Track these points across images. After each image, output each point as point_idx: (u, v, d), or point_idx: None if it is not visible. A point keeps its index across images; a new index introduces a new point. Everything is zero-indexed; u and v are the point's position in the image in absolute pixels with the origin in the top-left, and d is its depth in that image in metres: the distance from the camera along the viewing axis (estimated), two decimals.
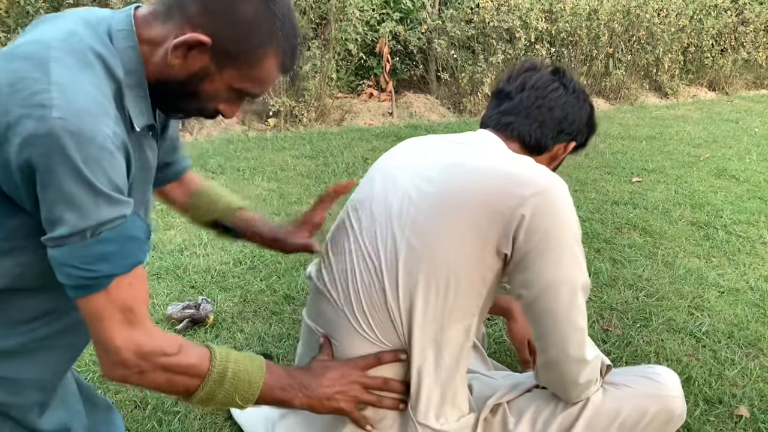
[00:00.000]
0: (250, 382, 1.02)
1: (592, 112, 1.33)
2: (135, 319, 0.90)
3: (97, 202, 0.83)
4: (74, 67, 0.84)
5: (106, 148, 0.83)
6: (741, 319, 2.23)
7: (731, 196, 3.68)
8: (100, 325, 0.88)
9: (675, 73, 7.79)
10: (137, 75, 0.93)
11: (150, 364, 0.91)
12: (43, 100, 0.79)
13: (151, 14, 0.95)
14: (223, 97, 0.99)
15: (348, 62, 5.83)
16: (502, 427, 1.24)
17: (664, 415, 1.25)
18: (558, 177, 1.13)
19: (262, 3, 0.93)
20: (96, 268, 0.84)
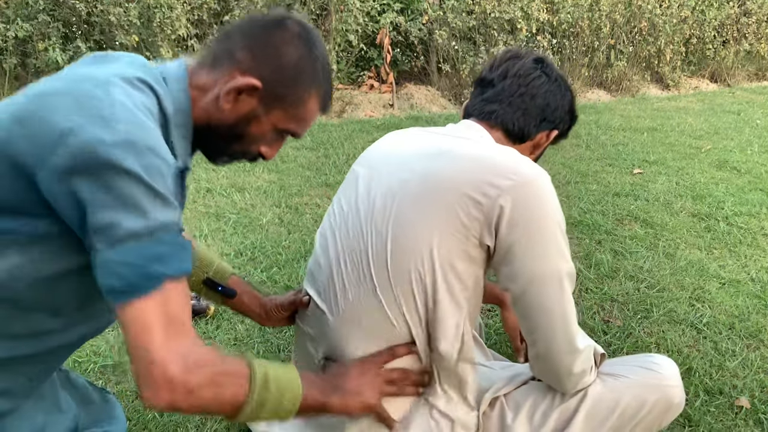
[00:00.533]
0: (291, 382, 0.99)
1: (573, 101, 1.33)
2: (180, 330, 0.86)
3: (155, 204, 0.84)
4: (133, 94, 0.88)
5: (165, 159, 0.86)
6: (742, 310, 2.23)
7: (732, 188, 3.67)
8: (146, 337, 0.83)
9: (677, 65, 7.76)
10: (184, 116, 0.99)
11: (197, 377, 0.85)
12: (106, 114, 0.82)
13: (199, 64, 1.01)
14: (268, 138, 1.05)
15: (348, 53, 5.82)
16: (500, 422, 1.24)
17: (662, 404, 1.25)
18: (540, 168, 1.12)
19: (305, 47, 1.00)
20: (150, 266, 0.83)
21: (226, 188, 3.37)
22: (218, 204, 3.15)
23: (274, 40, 0.99)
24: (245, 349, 1.90)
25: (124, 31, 4.54)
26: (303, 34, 1.01)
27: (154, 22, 4.61)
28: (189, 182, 3.43)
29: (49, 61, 4.39)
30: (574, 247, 2.66)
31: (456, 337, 1.14)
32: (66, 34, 4.61)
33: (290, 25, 1.01)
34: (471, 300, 1.13)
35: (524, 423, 1.23)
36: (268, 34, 1.00)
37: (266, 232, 2.84)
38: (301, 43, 1.01)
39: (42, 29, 4.38)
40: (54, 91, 0.85)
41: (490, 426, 1.24)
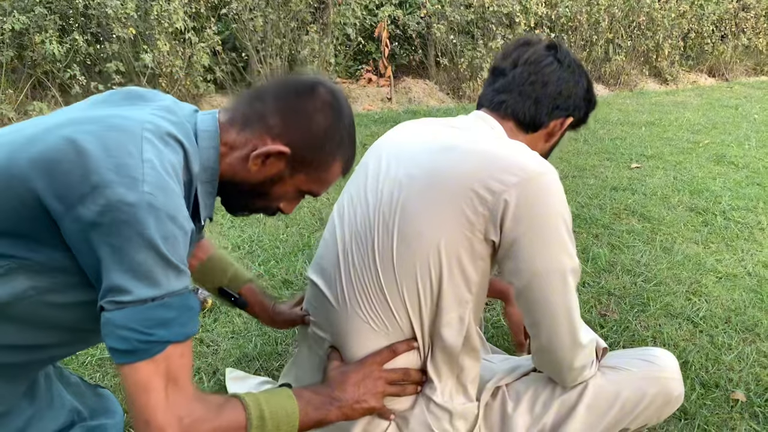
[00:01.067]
0: (288, 414, 1.02)
1: (590, 86, 1.30)
2: (178, 390, 0.88)
3: (168, 274, 0.86)
4: (162, 152, 0.89)
5: (183, 228, 0.88)
6: (738, 304, 2.24)
7: (730, 183, 3.67)
8: (144, 398, 0.85)
9: (675, 59, 7.76)
10: (212, 173, 1.01)
11: None
12: (135, 173, 0.83)
13: (230, 121, 1.03)
14: (289, 197, 1.08)
15: (346, 47, 5.81)
16: (501, 412, 1.24)
17: (662, 396, 1.25)
18: (547, 163, 1.11)
19: (335, 116, 1.03)
20: (154, 332, 0.84)
21: None
22: None
23: (306, 107, 1.01)
24: (242, 342, 1.90)
25: (121, 23, 4.52)
26: (333, 102, 1.03)
27: (151, 14, 4.59)
28: None
29: (45, 54, 4.37)
30: None
31: (460, 332, 1.14)
32: (63, 27, 4.59)
33: (322, 92, 1.02)
34: (476, 294, 1.13)
35: (525, 413, 1.23)
36: (300, 101, 1.01)
37: (264, 225, 2.84)
38: (331, 112, 1.02)
39: (38, 22, 4.36)
40: (87, 137, 0.85)
41: (492, 415, 1.25)
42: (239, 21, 5.10)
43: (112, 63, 4.57)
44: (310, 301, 1.31)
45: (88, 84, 4.60)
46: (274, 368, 1.79)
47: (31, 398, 1.12)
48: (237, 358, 1.83)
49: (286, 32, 5.23)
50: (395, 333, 1.15)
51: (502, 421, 1.24)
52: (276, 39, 5.17)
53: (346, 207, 1.24)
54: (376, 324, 1.15)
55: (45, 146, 0.85)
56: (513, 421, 1.22)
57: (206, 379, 1.72)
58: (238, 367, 1.79)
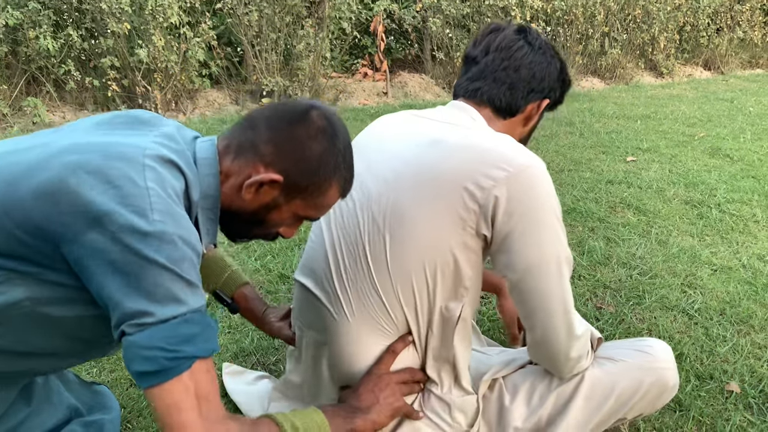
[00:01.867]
0: (319, 426, 1.04)
1: (563, 67, 1.30)
2: (211, 407, 0.88)
3: (187, 292, 0.87)
4: (165, 178, 0.90)
5: (196, 250, 0.89)
6: (733, 296, 2.25)
7: (725, 175, 3.68)
8: (178, 419, 0.85)
9: (670, 53, 7.76)
10: (213, 200, 1.02)
11: None
12: (143, 202, 0.85)
13: (226, 148, 1.03)
14: (287, 222, 1.08)
15: (342, 41, 5.79)
16: (499, 404, 1.25)
17: (658, 386, 1.26)
18: (535, 156, 1.11)
19: (328, 141, 1.01)
20: (180, 348, 0.85)
21: None
22: None
23: (299, 134, 1.00)
24: (239, 336, 1.90)
25: (115, 19, 4.51)
26: (327, 127, 1.02)
27: (146, 9, 4.57)
28: None
29: (40, 49, 4.36)
30: (567, 235, 2.66)
31: (455, 326, 1.14)
32: (57, 22, 4.57)
33: (315, 118, 1.02)
34: (470, 289, 1.14)
35: (522, 405, 1.24)
36: (293, 128, 1.00)
37: None
38: (325, 138, 1.02)
39: (33, 17, 4.34)
40: (88, 167, 0.85)
41: (489, 408, 1.25)
42: (234, 15, 5.08)
43: (107, 58, 4.56)
44: (298, 303, 1.31)
45: (82, 79, 4.59)
46: (271, 363, 1.79)
47: (27, 399, 1.13)
48: (234, 352, 1.83)
49: (281, 27, 5.22)
50: (391, 330, 1.16)
51: (499, 413, 1.25)
52: (271, 33, 5.16)
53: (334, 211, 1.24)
54: (371, 322, 1.15)
55: (47, 176, 0.85)
56: (510, 413, 1.23)
57: None
58: (235, 361, 1.79)
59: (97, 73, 4.75)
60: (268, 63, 5.21)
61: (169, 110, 4.88)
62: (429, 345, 1.16)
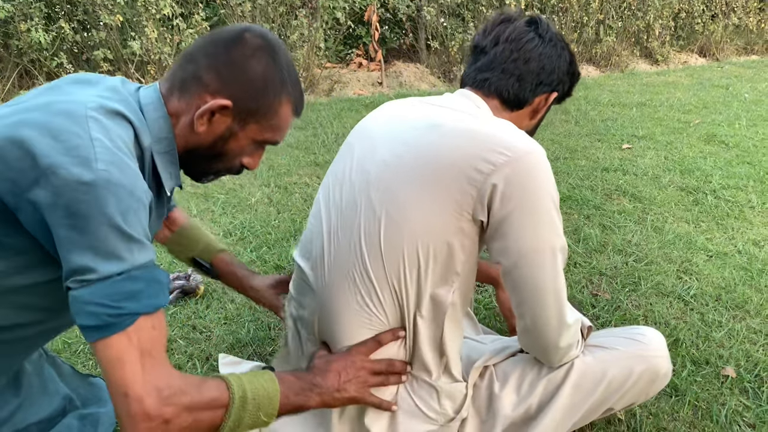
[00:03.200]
0: (270, 397, 1.02)
1: (573, 60, 1.29)
2: (155, 362, 0.88)
3: (131, 248, 0.86)
4: (110, 128, 0.89)
5: (141, 201, 0.88)
6: (728, 282, 2.25)
7: (720, 162, 3.69)
8: (120, 370, 0.85)
9: (665, 40, 7.75)
10: (168, 142, 1.01)
11: (173, 408, 0.88)
12: (87, 152, 0.83)
13: (169, 90, 1.02)
14: (248, 151, 1.07)
15: (336, 31, 5.77)
16: (489, 392, 1.25)
17: (649, 374, 1.26)
18: (535, 142, 1.10)
19: (268, 58, 1.01)
20: (123, 305, 0.84)
21: None
22: (206, 184, 3.14)
23: (237, 56, 1.00)
24: (235, 327, 1.90)
25: (107, 10, 4.48)
26: (264, 45, 1.02)
27: (138, 1, 4.55)
28: None
29: (31, 42, 4.33)
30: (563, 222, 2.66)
31: (444, 312, 1.14)
32: (49, 15, 4.54)
33: (249, 38, 1.01)
34: (461, 275, 1.13)
35: (511, 393, 1.24)
36: (230, 51, 1.00)
37: (255, 211, 2.83)
38: (264, 55, 1.01)
39: (24, 9, 4.31)
40: (32, 123, 0.85)
41: (479, 395, 1.25)
42: (227, 6, 5.05)
43: (100, 50, 4.53)
44: (295, 283, 1.31)
45: (75, 72, 4.56)
46: (267, 353, 1.79)
47: (16, 388, 1.12)
48: (230, 343, 1.83)
49: (274, 17, 5.19)
50: (380, 314, 1.15)
51: (489, 401, 1.24)
52: (265, 24, 5.13)
53: (330, 189, 1.23)
54: (360, 305, 1.14)
55: None
56: (499, 400, 1.23)
57: (199, 364, 1.72)
58: (231, 352, 1.79)
59: (89, 65, 4.72)
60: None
61: None
62: (419, 331, 1.15)
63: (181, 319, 1.94)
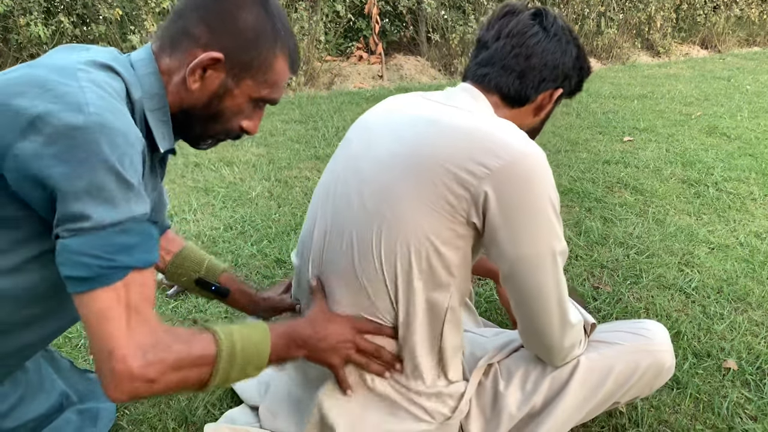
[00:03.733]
0: (259, 352, 1.00)
1: (581, 53, 1.23)
2: (140, 319, 0.85)
3: (128, 196, 0.83)
4: (100, 77, 0.87)
5: (136, 147, 0.85)
6: (730, 274, 2.25)
7: (722, 154, 3.67)
8: (105, 326, 0.82)
9: (667, 32, 7.72)
10: (159, 99, 0.97)
11: (158, 367, 0.85)
12: (77, 98, 0.81)
13: (160, 48, 0.99)
14: (246, 111, 1.04)
15: (336, 24, 5.75)
16: (493, 390, 1.24)
17: (654, 368, 1.25)
18: (533, 143, 1.07)
19: (260, 8, 0.98)
20: (116, 257, 0.82)
21: (214, 162, 3.35)
22: (207, 178, 3.13)
23: (227, 7, 0.97)
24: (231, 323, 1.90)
25: (107, 4, 4.46)
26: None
27: None
28: (177, 157, 3.40)
29: (31, 36, 4.32)
30: (564, 215, 2.66)
31: (443, 318, 1.13)
32: (48, 9, 4.53)
33: None
34: (456, 277, 1.11)
35: (516, 391, 1.22)
36: (220, 2, 0.97)
37: (256, 205, 2.82)
38: (255, 5, 0.98)
39: (23, 4, 4.30)
40: (19, 79, 0.83)
41: (484, 394, 1.24)
42: None
43: (99, 44, 4.52)
44: (295, 282, 1.31)
45: None
46: None
47: (14, 383, 1.11)
48: None
49: None
50: (372, 315, 1.13)
51: (493, 399, 1.23)
52: None
53: (326, 186, 1.22)
54: (353, 305, 1.13)
55: None
56: (504, 398, 1.22)
57: None
58: None
59: None
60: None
61: None
62: (414, 333, 1.12)
63: (182, 314, 1.94)
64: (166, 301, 2.00)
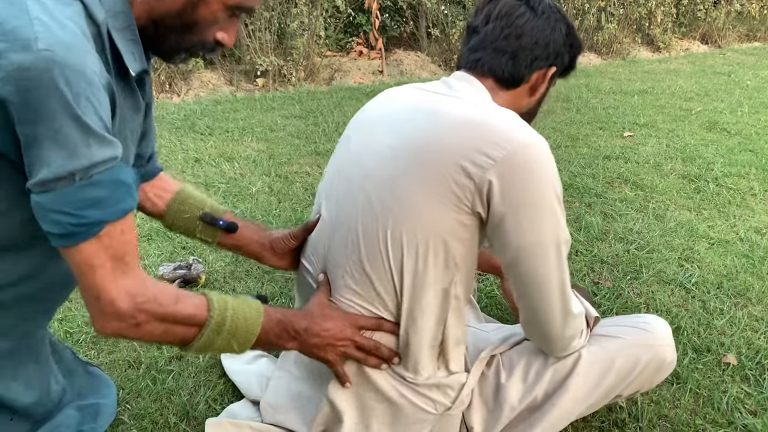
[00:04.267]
0: (248, 330, 1.00)
1: (570, 30, 1.23)
2: (127, 268, 0.85)
3: (88, 142, 0.79)
4: (52, 6, 0.80)
5: (94, 84, 0.80)
6: (730, 269, 2.25)
7: (722, 149, 3.67)
8: (91, 276, 0.83)
9: (667, 27, 7.70)
10: (125, 17, 0.90)
11: (146, 315, 0.86)
12: (26, 34, 0.75)
13: None
14: (221, 20, 0.96)
15: (336, 19, 5.74)
16: (495, 381, 1.25)
17: (655, 363, 1.26)
18: (535, 134, 1.07)
19: None
20: (87, 213, 0.80)
21: (214, 158, 3.35)
22: (207, 174, 3.13)
23: None
24: None
25: None
26: None
27: None
28: (175, 147, 3.40)
29: None
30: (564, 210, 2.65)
31: (448, 307, 1.13)
32: None
33: None
34: (461, 267, 1.11)
35: (518, 382, 1.23)
36: None
37: (256, 201, 2.82)
38: None
39: None
40: None
41: (486, 386, 1.25)
42: None
43: None
44: (298, 281, 1.31)
45: None
46: None
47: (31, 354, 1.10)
48: None
49: (274, 5, 5.16)
50: (375, 311, 1.14)
51: (495, 390, 1.24)
52: (264, 12, 5.10)
53: (329, 183, 1.22)
54: (357, 302, 1.14)
55: None
56: (506, 390, 1.23)
57: (201, 356, 1.72)
58: None
59: None
60: (262, 42, 5.16)
61: (163, 91, 4.84)
62: (417, 326, 1.13)
63: None
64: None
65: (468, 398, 1.22)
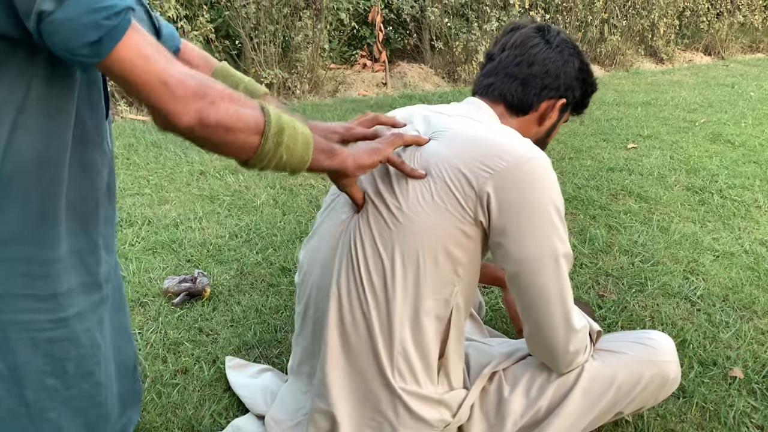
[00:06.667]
0: (305, 139, 0.95)
1: (584, 66, 1.28)
2: (170, 56, 0.80)
3: None
4: None
5: None
6: (735, 282, 2.24)
7: (726, 161, 3.67)
8: (148, 65, 0.77)
9: (670, 38, 7.73)
10: None
11: (214, 91, 0.81)
12: None
13: None
14: None
15: (340, 32, 5.77)
16: (498, 396, 1.25)
17: (658, 379, 1.26)
18: (537, 148, 1.10)
19: None
20: (113, 1, 0.74)
21: (219, 170, 3.36)
22: (212, 186, 3.14)
23: None
24: (242, 330, 1.91)
25: None
26: None
27: None
28: (180, 160, 3.41)
29: None
30: (568, 223, 2.66)
31: (448, 319, 1.13)
32: None
33: None
34: (465, 279, 1.12)
35: (521, 396, 1.23)
36: None
37: (261, 213, 2.83)
38: None
39: None
40: None
41: (488, 399, 1.25)
42: (232, 8, 5.06)
43: None
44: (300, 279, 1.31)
45: None
46: (274, 356, 1.80)
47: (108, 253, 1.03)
48: (236, 346, 1.83)
49: (279, 18, 5.20)
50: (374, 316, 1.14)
51: (497, 404, 1.24)
52: (269, 25, 5.13)
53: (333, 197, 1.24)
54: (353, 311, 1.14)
55: None
56: (509, 404, 1.23)
57: (206, 367, 1.72)
58: (238, 355, 1.79)
59: None
60: (267, 55, 5.19)
61: None
62: (415, 337, 1.13)
63: (188, 322, 1.94)
64: (172, 310, 2.01)
65: (467, 414, 1.22)
